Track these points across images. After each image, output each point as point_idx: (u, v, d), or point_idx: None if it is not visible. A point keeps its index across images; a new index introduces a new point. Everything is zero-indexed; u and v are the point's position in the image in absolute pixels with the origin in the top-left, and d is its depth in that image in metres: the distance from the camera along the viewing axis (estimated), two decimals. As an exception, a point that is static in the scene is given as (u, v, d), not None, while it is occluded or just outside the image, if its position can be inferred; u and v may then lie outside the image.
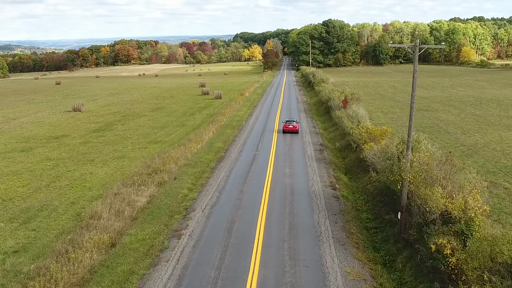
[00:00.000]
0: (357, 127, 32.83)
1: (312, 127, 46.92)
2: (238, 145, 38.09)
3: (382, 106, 61.27)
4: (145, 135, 44.60)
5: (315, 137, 40.99)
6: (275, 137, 40.67)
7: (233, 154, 34.57)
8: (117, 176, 28.96)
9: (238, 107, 62.84)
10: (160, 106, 67.89)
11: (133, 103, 74.42)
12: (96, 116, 59.25)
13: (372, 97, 73.01)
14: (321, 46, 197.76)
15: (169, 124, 51.12)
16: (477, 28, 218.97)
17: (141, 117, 57.74)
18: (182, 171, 29.46)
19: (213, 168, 30.62)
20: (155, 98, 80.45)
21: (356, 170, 30.02)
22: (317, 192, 24.45)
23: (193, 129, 47.26)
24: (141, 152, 36.46)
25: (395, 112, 54.71)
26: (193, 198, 24.07)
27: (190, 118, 54.83)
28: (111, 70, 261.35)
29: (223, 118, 51.76)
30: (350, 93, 56.69)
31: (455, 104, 60.98)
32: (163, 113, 60.23)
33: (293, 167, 29.92)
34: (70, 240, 18.65)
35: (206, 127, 45.99)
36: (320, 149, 35.72)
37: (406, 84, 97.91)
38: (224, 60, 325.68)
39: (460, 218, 16.09)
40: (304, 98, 75.93)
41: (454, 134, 40.05)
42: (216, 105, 66.71)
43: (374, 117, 51.04)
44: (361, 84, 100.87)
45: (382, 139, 30.53)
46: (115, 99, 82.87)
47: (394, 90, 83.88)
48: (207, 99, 75.42)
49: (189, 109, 63.48)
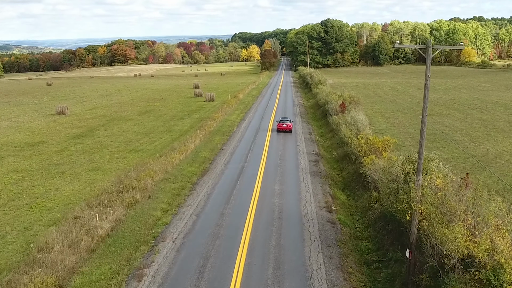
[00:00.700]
0: (356, 137, 29.51)
1: (308, 133, 43.60)
2: (226, 154, 34.74)
3: (383, 109, 57.97)
4: (127, 143, 41.24)
5: (310, 146, 37.67)
6: (267, 145, 37.37)
7: (219, 165, 31.23)
8: (85, 193, 25.62)
9: (231, 110, 59.49)
10: (149, 109, 64.52)
11: (121, 105, 71.05)
12: (80, 120, 55.85)
13: (371, 99, 69.72)
14: (319, 46, 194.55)
15: (155, 130, 47.76)
16: (477, 28, 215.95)
17: (127, 121, 54.37)
18: (159, 187, 26.12)
19: (195, 183, 27.28)
20: (146, 101, 77.07)
21: (355, 185, 26.71)
22: (310, 215, 21.12)
23: (180, 135, 43.93)
24: (118, 164, 33.11)
25: (397, 117, 51.41)
26: (165, 223, 20.73)
27: (178, 123, 51.46)
28: (107, 70, 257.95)
29: (213, 123, 48.43)
30: (349, 96, 53.40)
31: (460, 107, 57.68)
32: (151, 117, 56.86)
33: (284, 182, 26.59)
34: (8, 283, 15.33)
35: (193, 133, 42.69)
36: (316, 160, 32.39)
37: (406, 85, 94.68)
38: (222, 61, 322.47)
39: (485, 263, 12.82)
40: (301, 101, 72.63)
41: (462, 143, 36.75)
42: (207, 108, 63.36)
43: (374, 122, 47.77)
44: (360, 85, 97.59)
45: (385, 150, 27.27)
46: (104, 101, 79.49)
47: (395, 92, 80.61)
48: (199, 102, 72.05)
49: (179, 113, 60.12)
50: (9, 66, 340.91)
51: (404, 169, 18.00)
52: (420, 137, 15.63)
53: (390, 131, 42.24)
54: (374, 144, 27.00)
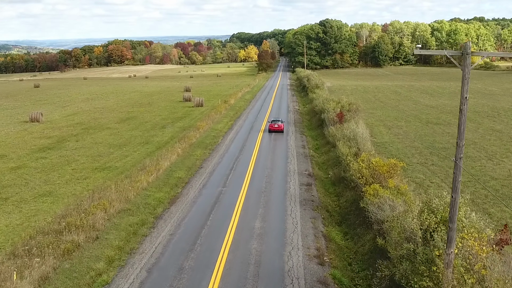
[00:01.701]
0: (356, 158, 24.55)
1: (301, 146, 38.64)
2: (204, 175, 29.78)
3: (385, 117, 53.06)
4: (96, 157, 36.29)
5: (303, 163, 32.72)
6: (253, 162, 32.43)
7: (192, 191, 26.27)
8: (19, 231, 20.69)
9: (219, 118, 54.52)
10: (131, 116, 59.55)
11: (104, 111, 66.09)
12: (53, 129, 50.89)
13: (372, 105, 64.83)
14: (318, 47, 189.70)
15: (132, 141, 42.81)
16: (479, 28, 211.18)
17: (104, 130, 49.40)
18: (113, 223, 21.18)
19: (159, 216, 22.34)
20: (131, 105, 72.10)
21: (354, 219, 21.78)
22: (296, 271, 16.18)
23: (157, 148, 39.00)
24: (75, 186, 28.18)
25: (400, 126, 46.49)
26: (105, 282, 15.79)
27: (159, 133, 46.50)
28: (102, 71, 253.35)
29: (197, 133, 43.48)
30: (347, 104, 48.51)
31: (469, 115, 52.66)
32: (131, 125, 51.88)
33: (267, 217, 21.64)
34: None
35: (173, 146, 37.77)
36: (308, 183, 27.44)
37: (409, 89, 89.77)
38: (220, 61, 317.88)
39: None
40: (296, 106, 67.70)
41: (478, 160, 31.83)
42: (194, 115, 58.40)
43: (375, 133, 42.87)
44: (360, 89, 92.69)
45: (391, 177, 22.34)
46: (87, 105, 74.54)
47: (397, 97, 75.71)
48: (187, 107, 67.07)
49: (162, 120, 55.15)
50: (4, 66, 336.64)
51: (422, 221, 13.05)
52: (452, 191, 10.71)
53: (394, 145, 37.37)
54: (378, 169, 22.07)
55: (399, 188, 21.01)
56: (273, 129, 44.72)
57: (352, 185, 23.81)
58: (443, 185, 26.02)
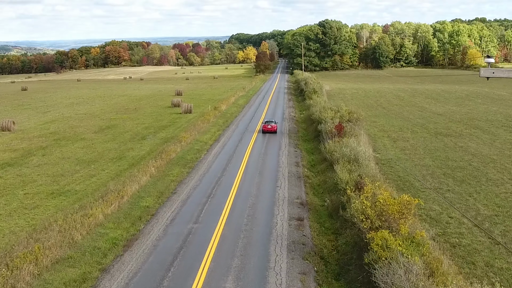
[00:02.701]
0: (358, 194, 19.64)
1: (295, 164, 33.74)
2: (176, 204, 24.90)
3: (388, 127, 48.20)
4: (57, 178, 31.43)
5: (295, 187, 27.85)
6: (236, 186, 27.55)
7: (157, 228, 21.40)
8: None
9: (206, 127, 49.64)
10: (112, 124, 54.66)
11: (84, 118, 61.23)
12: (22, 140, 46.05)
13: (374, 111, 60.00)
14: (317, 48, 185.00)
15: (104, 156, 37.93)
16: (482, 29, 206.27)
17: (77, 141, 44.54)
18: (43, 281, 16.32)
19: (107, 268, 17.47)
20: (115, 112, 67.23)
21: (355, 275, 16.88)
22: None
23: (130, 165, 34.14)
24: (18, 220, 23.29)
25: (407, 138, 41.61)
26: None
27: (137, 146, 41.62)
28: (98, 73, 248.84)
29: (178, 146, 38.61)
30: (347, 113, 43.69)
31: (481, 124, 47.93)
32: (108, 136, 47.01)
33: (243, 273, 16.74)
34: None
35: (148, 162, 32.95)
36: (299, 217, 22.57)
37: (412, 93, 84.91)
38: (218, 62, 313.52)
39: None
40: (292, 113, 62.84)
41: (502, 184, 26.95)
42: (180, 123, 53.52)
43: (379, 147, 38.03)
44: (361, 92, 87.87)
45: (403, 217, 17.52)
46: (69, 111, 69.71)
47: (400, 102, 70.86)
48: (174, 114, 62.21)
49: (145, 129, 50.27)
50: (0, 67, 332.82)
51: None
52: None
53: (401, 162, 32.50)
54: (387, 209, 17.20)
55: (414, 236, 16.22)
56: (267, 129, 45.75)
57: (355, 228, 18.95)
58: (464, 222, 21.19)
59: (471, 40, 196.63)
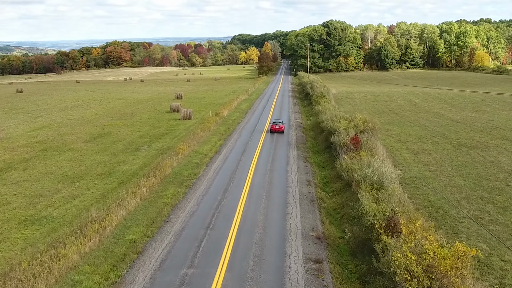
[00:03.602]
0: (393, 236, 15.58)
1: (306, 182, 29.71)
2: (168, 238, 20.88)
3: (405, 136, 44.10)
4: (35, 198, 27.49)
5: (308, 214, 23.81)
6: (239, 216, 23.51)
7: (142, 275, 17.37)
8: None
9: (206, 136, 45.65)
10: (105, 132, 50.72)
11: (77, 124, 57.32)
12: (4, 150, 42.13)
13: (386, 118, 55.92)
14: (321, 49, 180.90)
15: (92, 171, 33.95)
16: (490, 30, 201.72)
17: (65, 152, 40.60)
18: None
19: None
20: (110, 117, 63.31)
21: None
22: None
23: (120, 183, 30.18)
24: (-24, 259, 19.35)
25: (428, 151, 37.49)
26: None
27: (129, 158, 37.64)
28: (98, 74, 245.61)
29: (174, 160, 34.62)
30: (362, 122, 39.65)
31: (508, 134, 43.79)
32: (99, 146, 43.06)
33: None
34: None
35: (139, 180, 29.04)
36: (317, 258, 18.52)
37: (424, 97, 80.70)
38: (220, 63, 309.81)
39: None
40: (299, 119, 58.78)
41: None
42: (178, 131, 49.54)
43: (399, 161, 33.98)
44: (369, 96, 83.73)
45: (458, 273, 13.47)
46: (62, 116, 65.86)
47: (413, 107, 66.71)
48: (173, 120, 58.21)
49: (139, 138, 46.30)
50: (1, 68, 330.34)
51: None
52: None
53: (427, 182, 28.42)
54: (438, 265, 13.17)
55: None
56: (275, 130, 47.54)
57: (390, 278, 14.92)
58: (523, 268, 17.10)
59: (479, 41, 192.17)
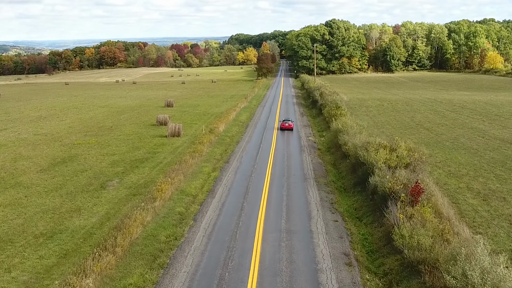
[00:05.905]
0: None
1: (342, 256, 19.34)
2: None
3: (455, 166, 33.78)
4: None
5: None
6: None
7: None
8: None
9: (197, 164, 35.29)
10: (71, 155, 40.32)
11: (41, 142, 46.91)
12: None
13: (417, 136, 45.74)
14: (323, 50, 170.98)
15: (29, 229, 23.55)
16: (500, 30, 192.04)
17: (7, 190, 30.16)
18: None
19: None
20: (84, 132, 52.89)
21: None
22: None
23: (62, 257, 19.91)
24: None
25: (501, 193, 27.24)
26: None
27: (89, 202, 27.24)
28: (90, 75, 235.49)
29: (149, 211, 24.19)
30: (407, 150, 29.39)
31: None
32: (57, 179, 32.63)
33: None
34: None
35: (87, 259, 18.80)
36: None
37: (451, 106, 70.40)
38: (217, 64, 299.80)
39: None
40: (311, 137, 48.51)
41: None
42: (163, 156, 39.17)
43: (467, 214, 23.75)
44: (386, 105, 73.58)
45: None
46: (30, 129, 55.49)
47: (443, 120, 56.51)
48: (158, 137, 47.82)
49: (111, 167, 35.87)
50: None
51: None
52: None
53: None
54: None
55: None
56: (284, 127, 48.92)
57: None
58: None
59: (489, 42, 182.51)
